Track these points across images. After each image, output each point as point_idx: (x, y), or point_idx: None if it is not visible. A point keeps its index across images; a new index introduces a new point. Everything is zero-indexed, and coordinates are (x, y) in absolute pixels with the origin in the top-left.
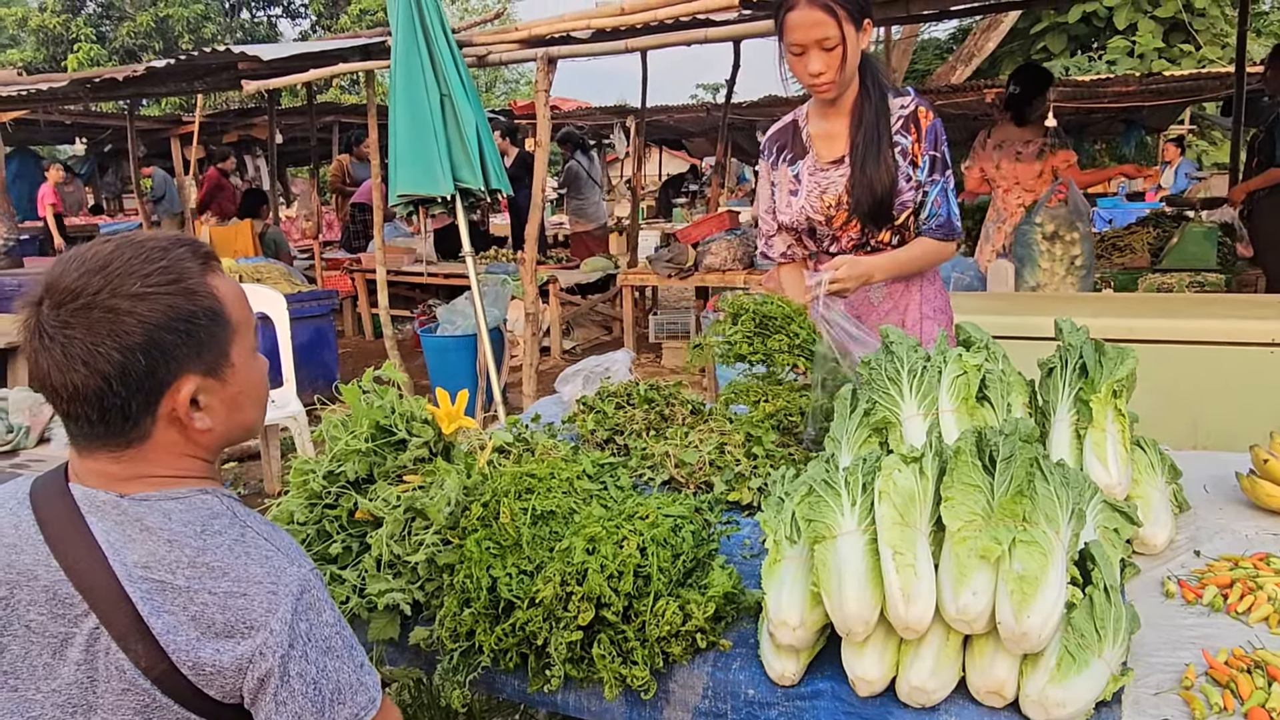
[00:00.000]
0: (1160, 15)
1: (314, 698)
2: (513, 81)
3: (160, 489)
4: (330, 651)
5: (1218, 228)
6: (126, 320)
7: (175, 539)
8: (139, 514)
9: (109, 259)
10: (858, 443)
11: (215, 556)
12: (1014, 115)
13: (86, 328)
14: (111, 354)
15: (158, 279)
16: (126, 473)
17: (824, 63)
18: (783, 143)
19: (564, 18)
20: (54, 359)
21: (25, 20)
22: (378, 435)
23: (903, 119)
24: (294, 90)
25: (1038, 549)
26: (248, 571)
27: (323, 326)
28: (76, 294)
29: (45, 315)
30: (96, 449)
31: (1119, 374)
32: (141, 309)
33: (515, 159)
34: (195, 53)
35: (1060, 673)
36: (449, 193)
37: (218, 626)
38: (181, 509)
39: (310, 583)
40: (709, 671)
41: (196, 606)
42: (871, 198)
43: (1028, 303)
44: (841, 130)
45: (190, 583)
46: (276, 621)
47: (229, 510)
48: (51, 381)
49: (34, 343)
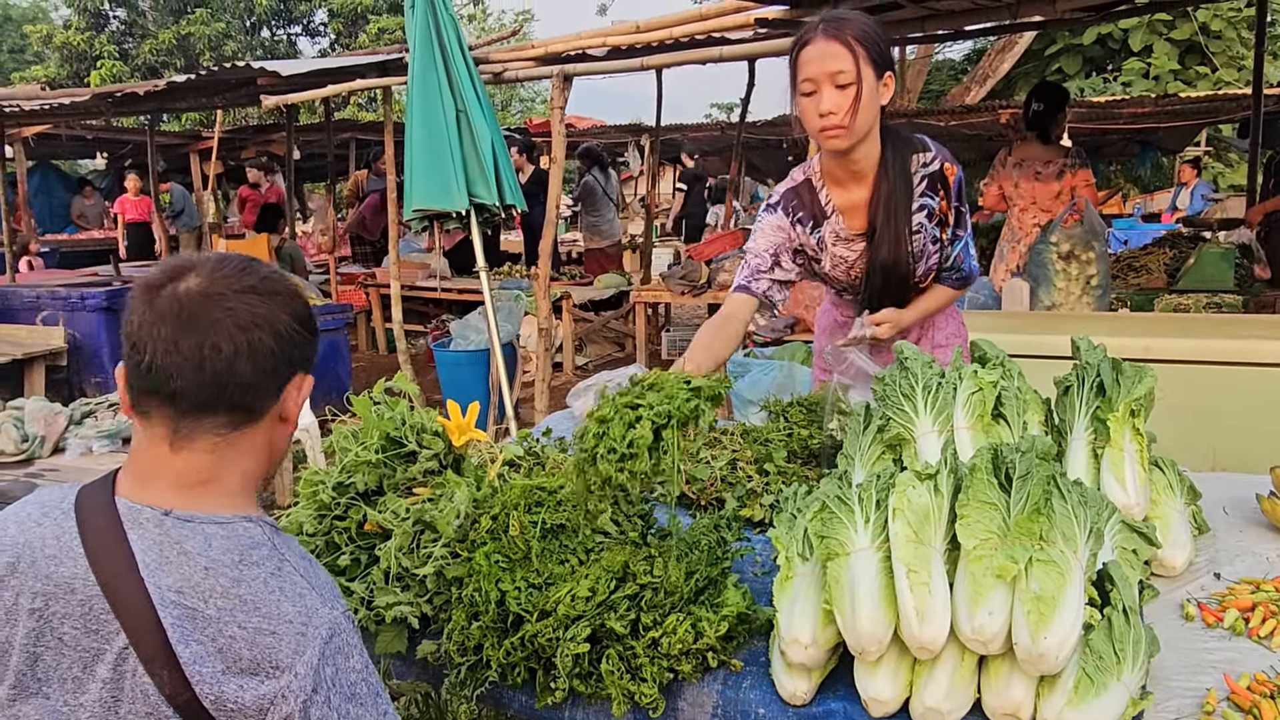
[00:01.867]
0: (1176, 37)
1: None
2: (529, 99)
3: (212, 510)
4: (355, 699)
5: (1235, 249)
6: (299, 301)
7: (212, 566)
8: (180, 536)
9: (260, 263)
10: (871, 459)
11: (249, 589)
12: (1039, 133)
13: (271, 296)
14: (291, 323)
15: (293, 287)
16: (213, 468)
17: (835, 102)
18: (799, 204)
19: (580, 35)
20: (232, 320)
21: (50, 37)
22: (388, 447)
23: (928, 179)
24: (312, 107)
25: (1055, 569)
26: (280, 609)
27: (337, 340)
28: (252, 272)
29: (205, 289)
30: (200, 428)
31: (1137, 393)
32: (303, 299)
33: (531, 175)
34: (215, 68)
35: (1078, 695)
36: (464, 208)
37: (244, 663)
38: (223, 534)
39: (341, 626)
40: (719, 690)
41: (225, 639)
42: (886, 279)
43: (1043, 322)
44: (862, 201)
45: (221, 614)
46: (302, 665)
47: (269, 541)
48: (213, 344)
49: (190, 310)
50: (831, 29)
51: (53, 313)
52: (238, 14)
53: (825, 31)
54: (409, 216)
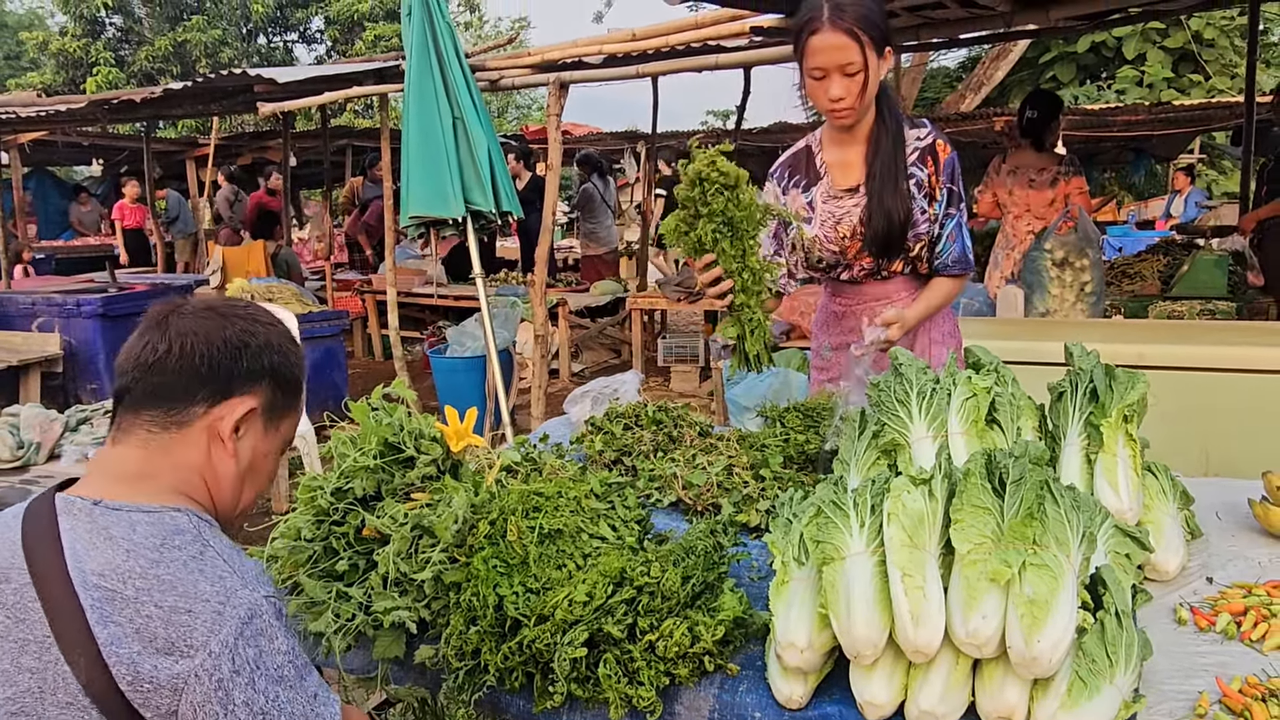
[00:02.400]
0: (1169, 45)
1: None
2: (525, 106)
3: (142, 502)
4: (282, 681)
5: (1228, 256)
6: (258, 327)
7: (134, 549)
8: (107, 522)
9: (240, 300)
10: (866, 464)
11: (168, 570)
12: (1033, 140)
13: (224, 317)
14: (232, 338)
15: (284, 329)
16: (144, 462)
17: (845, 88)
18: (794, 169)
19: (576, 43)
20: (176, 326)
21: (46, 44)
22: (386, 452)
23: (919, 150)
24: (308, 114)
25: (1048, 572)
26: (197, 589)
27: (333, 347)
28: (232, 305)
29: (183, 305)
30: (145, 414)
31: (1130, 398)
32: (267, 331)
33: (528, 182)
34: (212, 75)
35: (1071, 698)
36: (460, 214)
37: (159, 641)
38: (148, 521)
39: (262, 608)
40: (715, 694)
41: (141, 619)
42: (888, 228)
43: (1037, 328)
44: (857, 158)
45: (139, 594)
46: (216, 643)
47: (195, 529)
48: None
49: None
50: (837, 17)
51: (49, 319)
52: (234, 21)
53: (832, 21)
54: (405, 223)
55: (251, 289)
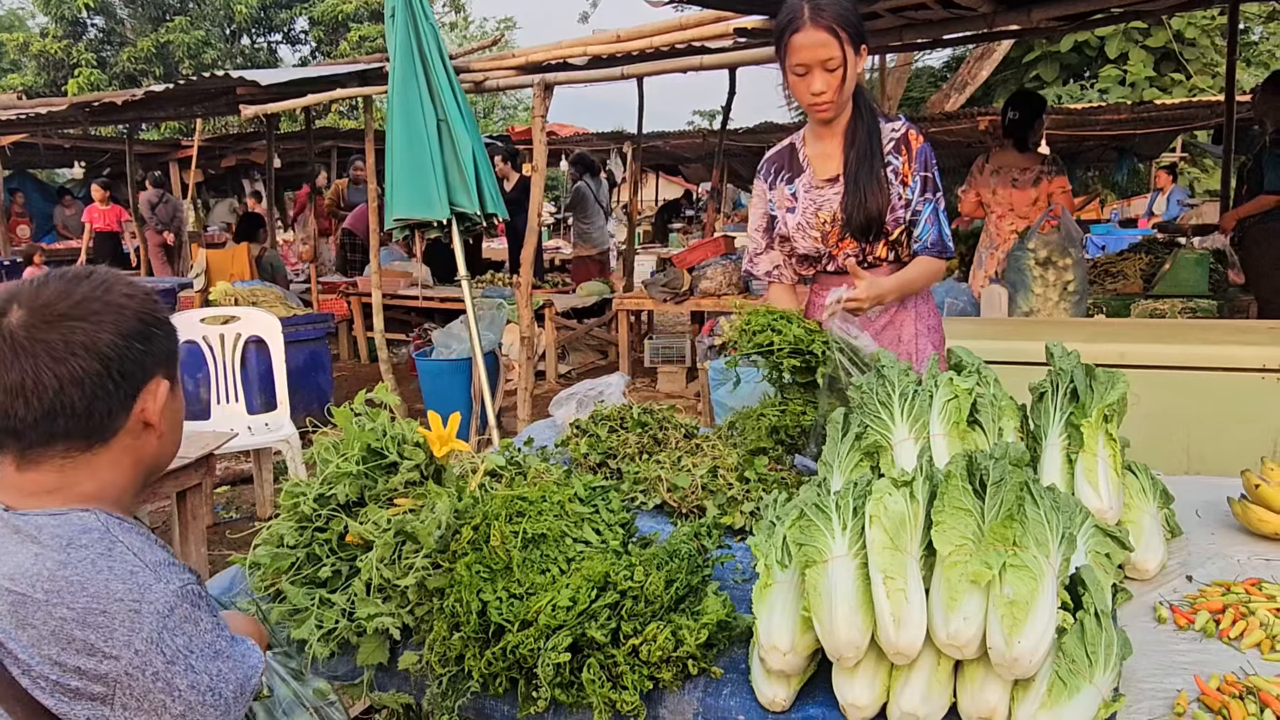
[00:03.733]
0: (1151, 45)
1: (210, 698)
2: (510, 107)
3: (53, 507)
4: (219, 655)
5: (1209, 254)
6: (126, 311)
7: (41, 552)
8: (16, 526)
9: (83, 273)
10: (849, 466)
11: (76, 571)
12: (1015, 141)
13: (86, 318)
14: (114, 339)
15: (135, 289)
16: (56, 483)
17: (826, 83)
18: (780, 164)
19: (560, 45)
20: (47, 352)
21: (26, 45)
22: (369, 458)
23: (894, 141)
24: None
25: (1028, 573)
26: (109, 588)
27: (318, 350)
28: (67, 294)
29: (25, 320)
30: (48, 454)
31: (1109, 398)
32: (134, 305)
33: (516, 184)
34: (194, 77)
35: (1051, 698)
36: (445, 217)
37: (78, 643)
38: (54, 524)
39: (177, 600)
40: (699, 697)
41: (55, 621)
42: (865, 212)
43: (1020, 328)
44: (835, 150)
45: (49, 597)
46: (141, 641)
47: (102, 525)
48: (34, 378)
49: (10, 347)
50: (817, 16)
51: None
52: (217, 22)
53: (813, 20)
54: (390, 226)
55: (235, 292)
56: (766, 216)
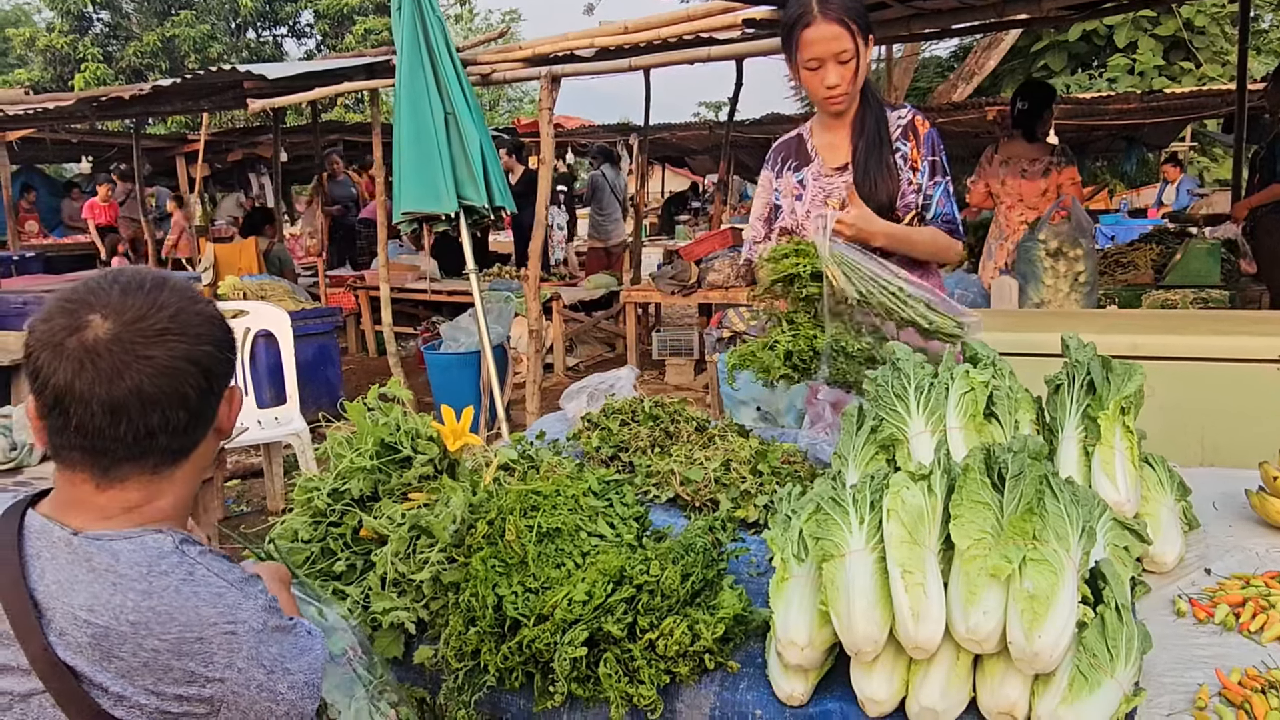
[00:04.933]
0: (1160, 33)
1: (307, 691)
2: (516, 99)
3: (127, 528)
4: (306, 651)
5: (1221, 244)
6: (215, 321)
7: (120, 582)
8: (88, 553)
9: (158, 280)
10: (865, 460)
11: (161, 601)
12: (1024, 132)
13: (186, 331)
14: (212, 351)
15: (206, 301)
16: (139, 500)
17: (840, 75)
18: (787, 154)
19: (567, 36)
20: (153, 368)
21: (33, 41)
22: (382, 452)
23: (901, 128)
24: (299, 109)
25: (1048, 567)
26: (200, 614)
27: (326, 344)
28: (158, 306)
29: (117, 335)
30: (135, 472)
31: (1126, 390)
32: (216, 312)
33: (521, 176)
34: (201, 72)
35: (1072, 693)
36: (453, 210)
37: (175, 672)
38: (130, 548)
39: (266, 616)
40: (716, 691)
41: (147, 652)
42: (875, 200)
43: (1031, 319)
44: (844, 140)
45: (136, 629)
46: (241, 660)
47: (176, 549)
48: (138, 395)
49: (110, 364)
50: (826, 9)
51: None
52: (222, 15)
53: (823, 14)
54: (398, 220)
55: (244, 286)
56: (769, 206)
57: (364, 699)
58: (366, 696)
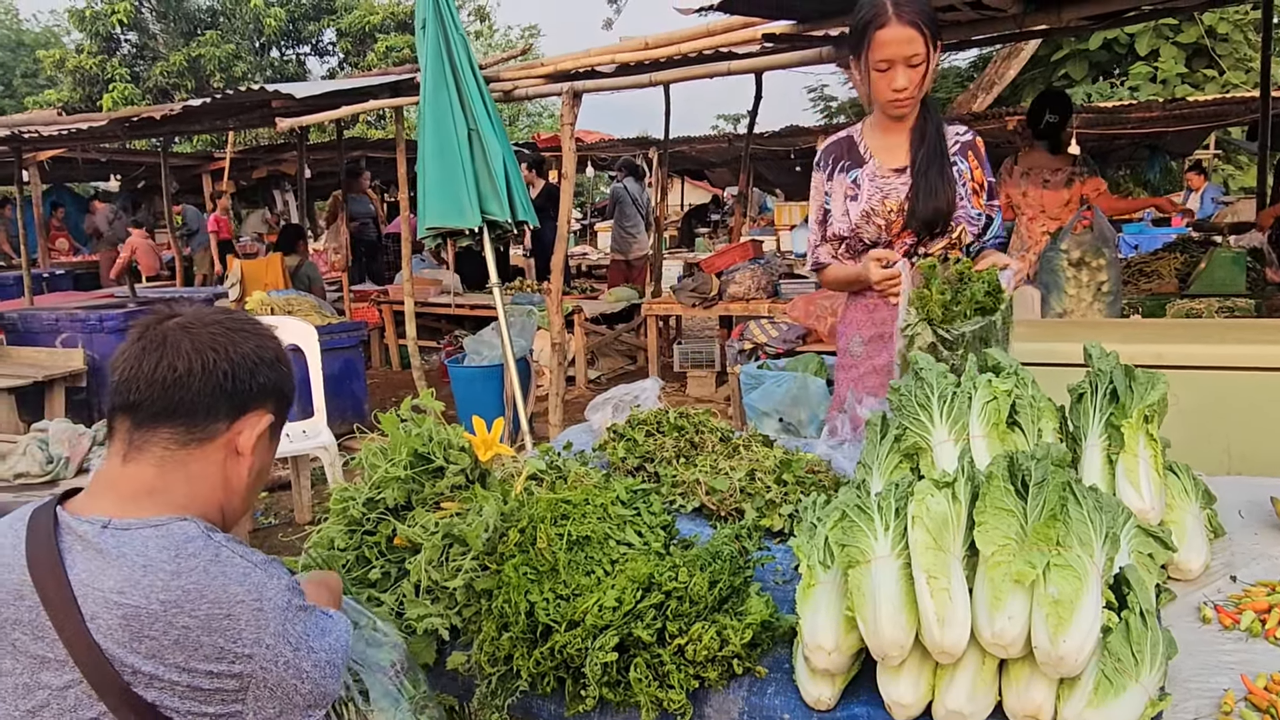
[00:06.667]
0: (1182, 41)
1: (329, 670)
2: (535, 114)
3: (151, 516)
4: (328, 631)
5: (1246, 253)
6: (267, 341)
7: (150, 564)
8: (118, 541)
9: (233, 310)
10: (889, 468)
11: (191, 579)
12: (1049, 143)
13: (234, 330)
14: (248, 355)
15: (279, 341)
16: (158, 478)
17: (908, 78)
18: (838, 155)
19: (590, 52)
20: (190, 342)
21: (63, 62)
22: (416, 462)
23: (960, 144)
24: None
25: (1072, 573)
26: (228, 591)
27: (352, 358)
28: (227, 312)
29: (185, 320)
30: (152, 440)
31: (1150, 399)
32: (274, 342)
33: (541, 190)
34: (230, 91)
35: (1098, 697)
36: (477, 225)
37: (206, 649)
38: (158, 535)
39: (290, 595)
40: (744, 696)
41: (178, 630)
42: (933, 206)
43: (1055, 329)
44: (901, 144)
45: (166, 608)
46: (270, 636)
47: (202, 533)
48: (170, 361)
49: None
50: (901, 12)
51: (72, 335)
52: (247, 35)
53: (899, 16)
54: (423, 235)
55: (271, 301)
56: (823, 209)
57: (408, 711)
58: (410, 710)
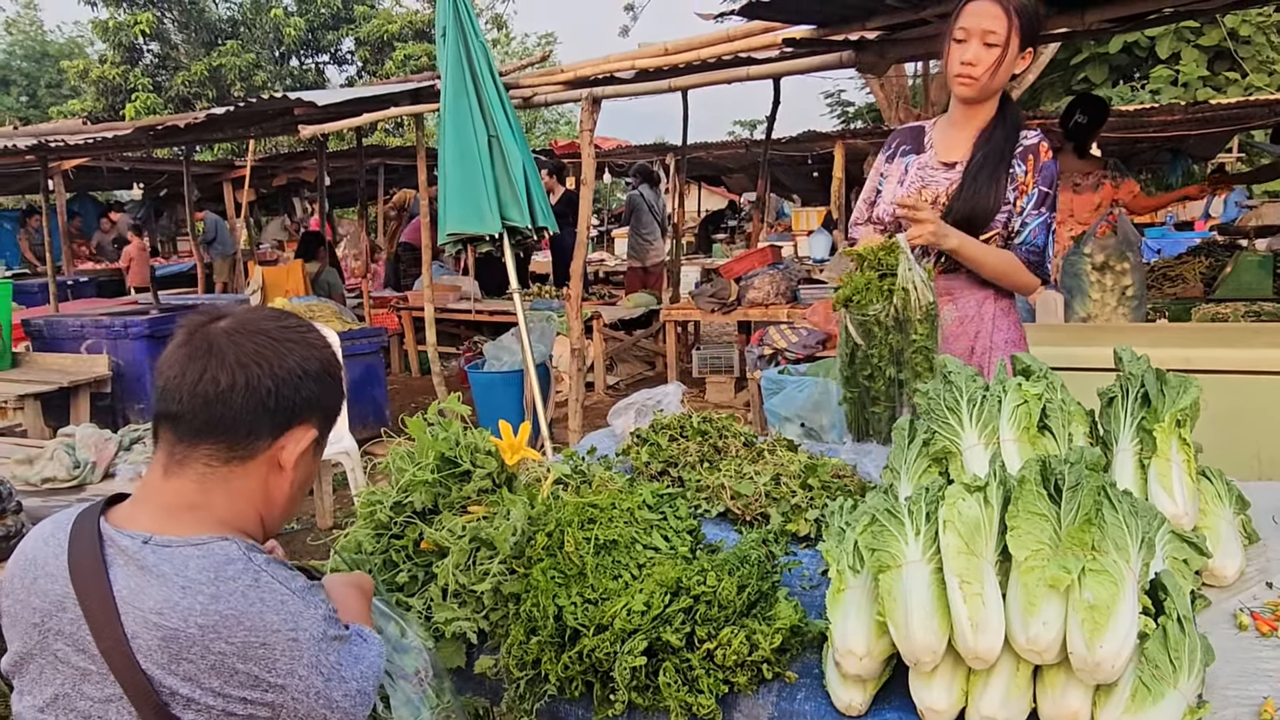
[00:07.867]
0: (1204, 44)
1: (359, 699)
2: (553, 121)
3: (191, 534)
4: (360, 659)
5: (1272, 256)
6: (314, 352)
7: (189, 586)
8: (158, 560)
9: (288, 313)
10: (918, 473)
11: (229, 605)
12: (1077, 146)
13: (281, 341)
14: (294, 369)
15: (326, 340)
16: (199, 494)
17: (977, 56)
18: (904, 140)
19: (609, 59)
20: (235, 354)
21: (86, 72)
22: (443, 467)
23: (1024, 148)
24: (341, 135)
25: (1108, 578)
26: (264, 620)
27: (373, 364)
28: (275, 319)
29: (229, 326)
30: (194, 455)
31: (1182, 403)
32: (322, 353)
33: (560, 197)
34: (253, 99)
35: (1135, 704)
36: (497, 231)
37: (240, 676)
38: (199, 555)
39: (326, 625)
40: (774, 701)
41: (214, 656)
42: (972, 208)
43: (1081, 333)
44: (966, 140)
45: (204, 632)
46: (303, 668)
47: (244, 555)
48: (214, 373)
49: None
50: None
51: (97, 341)
52: (267, 44)
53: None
54: (443, 241)
55: (292, 308)
56: (874, 190)
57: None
58: (432, 718)
